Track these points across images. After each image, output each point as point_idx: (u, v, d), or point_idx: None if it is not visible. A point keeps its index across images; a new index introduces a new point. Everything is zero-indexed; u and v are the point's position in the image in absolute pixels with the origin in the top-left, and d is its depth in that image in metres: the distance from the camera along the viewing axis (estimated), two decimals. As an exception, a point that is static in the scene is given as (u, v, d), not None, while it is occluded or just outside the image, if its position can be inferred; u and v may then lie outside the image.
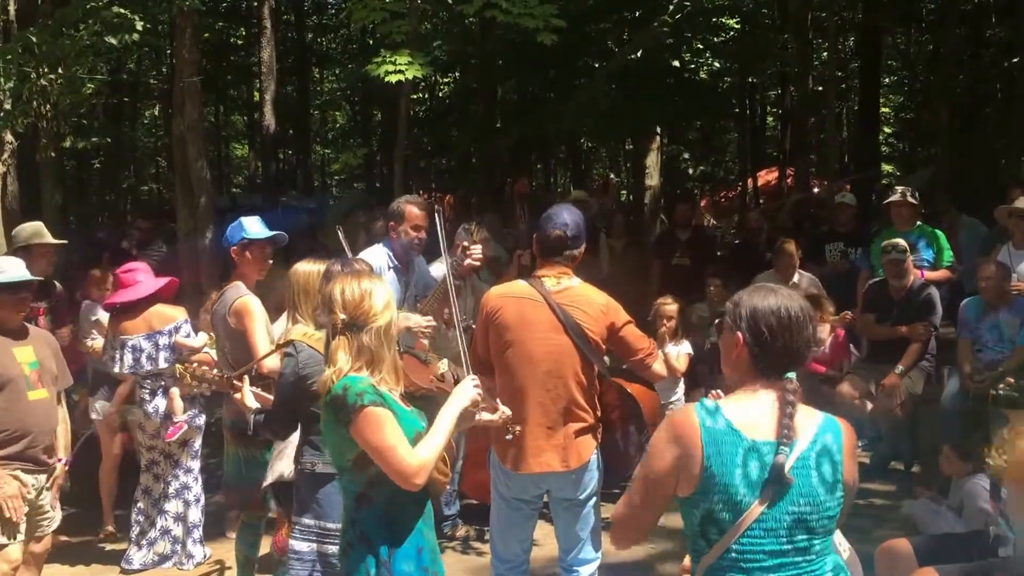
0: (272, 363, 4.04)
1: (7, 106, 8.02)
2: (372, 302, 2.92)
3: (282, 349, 3.70)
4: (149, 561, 5.63)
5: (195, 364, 4.23)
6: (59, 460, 4.55)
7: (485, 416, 3.31)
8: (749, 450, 2.31)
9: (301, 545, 3.42)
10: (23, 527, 4.32)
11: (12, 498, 4.20)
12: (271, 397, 3.78)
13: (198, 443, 5.81)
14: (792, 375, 2.38)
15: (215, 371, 4.09)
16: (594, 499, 4.01)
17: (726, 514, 2.31)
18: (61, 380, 4.65)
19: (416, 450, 2.83)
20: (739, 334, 2.41)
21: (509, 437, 3.56)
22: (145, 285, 5.68)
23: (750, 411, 2.37)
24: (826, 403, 7.10)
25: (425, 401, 3.35)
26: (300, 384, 3.48)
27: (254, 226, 4.78)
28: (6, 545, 4.28)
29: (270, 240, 4.83)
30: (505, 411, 3.41)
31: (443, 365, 3.45)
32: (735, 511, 2.30)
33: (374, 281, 3.01)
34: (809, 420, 2.39)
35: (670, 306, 6.21)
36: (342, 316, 2.91)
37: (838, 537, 3.75)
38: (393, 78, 8.52)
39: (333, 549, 3.29)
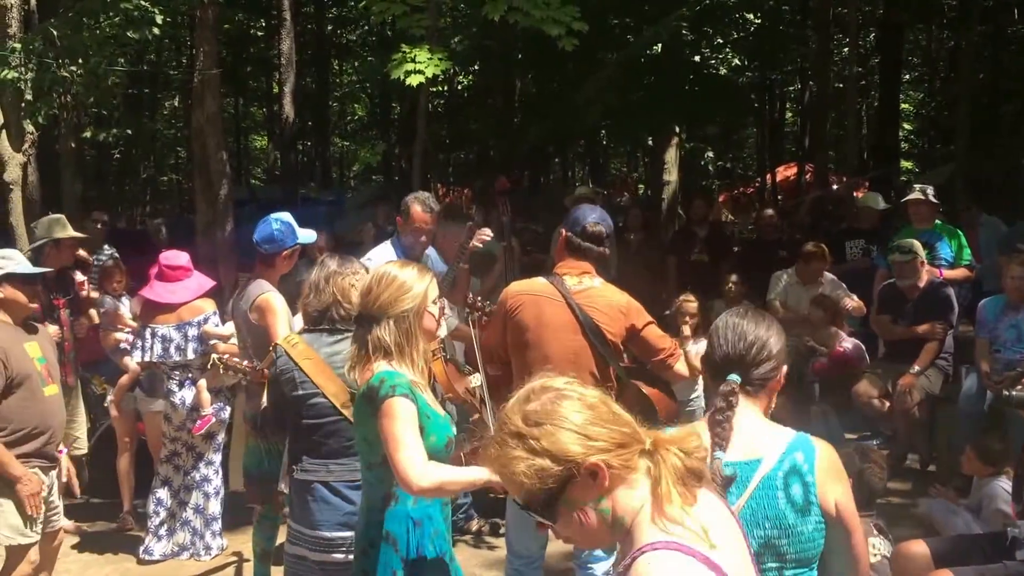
0: None
1: (28, 97, 8.08)
2: (382, 291, 2.79)
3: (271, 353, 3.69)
4: (168, 551, 5.68)
5: (227, 355, 4.24)
6: (61, 452, 4.56)
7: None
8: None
9: (287, 547, 3.45)
10: (39, 525, 4.31)
11: (35, 496, 4.21)
12: None
13: (221, 436, 5.84)
14: (734, 377, 2.28)
15: (245, 363, 4.11)
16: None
17: None
18: (57, 374, 4.59)
19: (433, 465, 2.71)
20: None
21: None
22: (189, 291, 5.68)
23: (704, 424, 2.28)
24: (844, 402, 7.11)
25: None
26: (278, 389, 3.47)
27: (304, 230, 4.77)
28: (29, 547, 4.27)
29: None
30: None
31: (475, 379, 3.41)
32: None
33: (392, 269, 2.87)
34: (777, 438, 2.29)
35: (692, 303, 6.20)
36: (356, 310, 2.87)
37: (877, 540, 3.74)
38: (414, 80, 8.46)
39: (313, 555, 3.29)
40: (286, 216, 4.78)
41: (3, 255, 4.42)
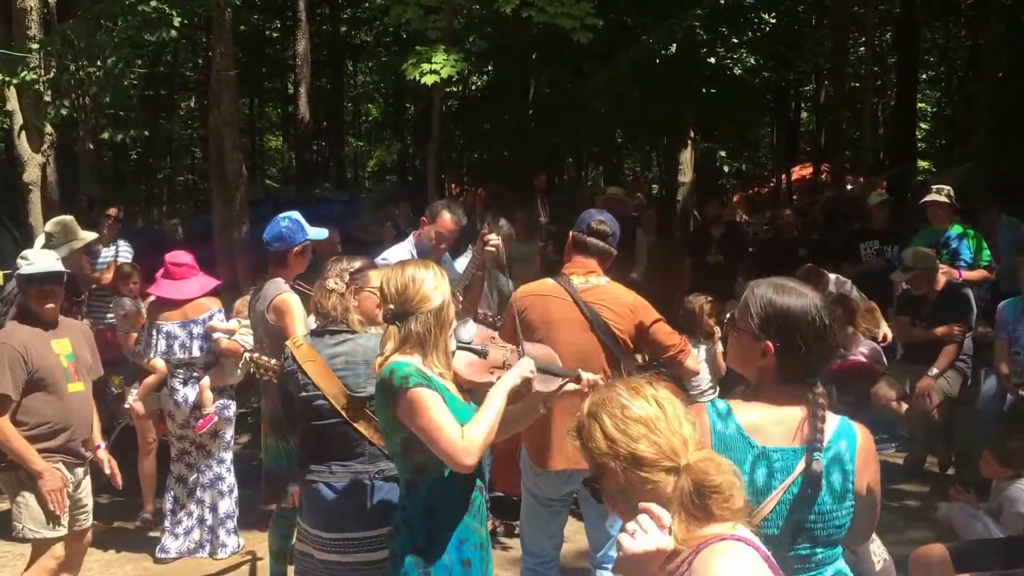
0: None
1: (47, 98, 8.14)
2: (416, 288, 2.94)
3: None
4: (184, 549, 5.70)
5: (257, 354, 4.29)
6: (98, 447, 4.61)
7: (571, 387, 3.15)
8: (758, 457, 2.26)
9: (297, 544, 3.52)
10: (65, 521, 4.37)
11: (57, 492, 4.25)
12: None
13: (230, 433, 5.85)
14: (818, 380, 2.33)
15: (273, 361, 4.14)
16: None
17: None
18: (95, 371, 4.68)
19: (465, 430, 2.80)
20: (768, 343, 2.31)
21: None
22: (192, 287, 5.73)
23: (765, 416, 2.30)
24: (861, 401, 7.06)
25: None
26: (286, 389, 3.55)
27: (313, 228, 4.78)
28: (54, 540, 4.32)
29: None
30: (591, 376, 3.16)
31: (503, 352, 3.37)
32: None
33: (419, 268, 3.01)
34: (826, 425, 2.31)
35: (711, 303, 6.20)
36: (389, 306, 2.96)
37: (875, 546, 3.72)
38: (429, 79, 8.48)
39: (318, 554, 3.35)
40: (294, 214, 4.81)
41: (22, 256, 4.50)
